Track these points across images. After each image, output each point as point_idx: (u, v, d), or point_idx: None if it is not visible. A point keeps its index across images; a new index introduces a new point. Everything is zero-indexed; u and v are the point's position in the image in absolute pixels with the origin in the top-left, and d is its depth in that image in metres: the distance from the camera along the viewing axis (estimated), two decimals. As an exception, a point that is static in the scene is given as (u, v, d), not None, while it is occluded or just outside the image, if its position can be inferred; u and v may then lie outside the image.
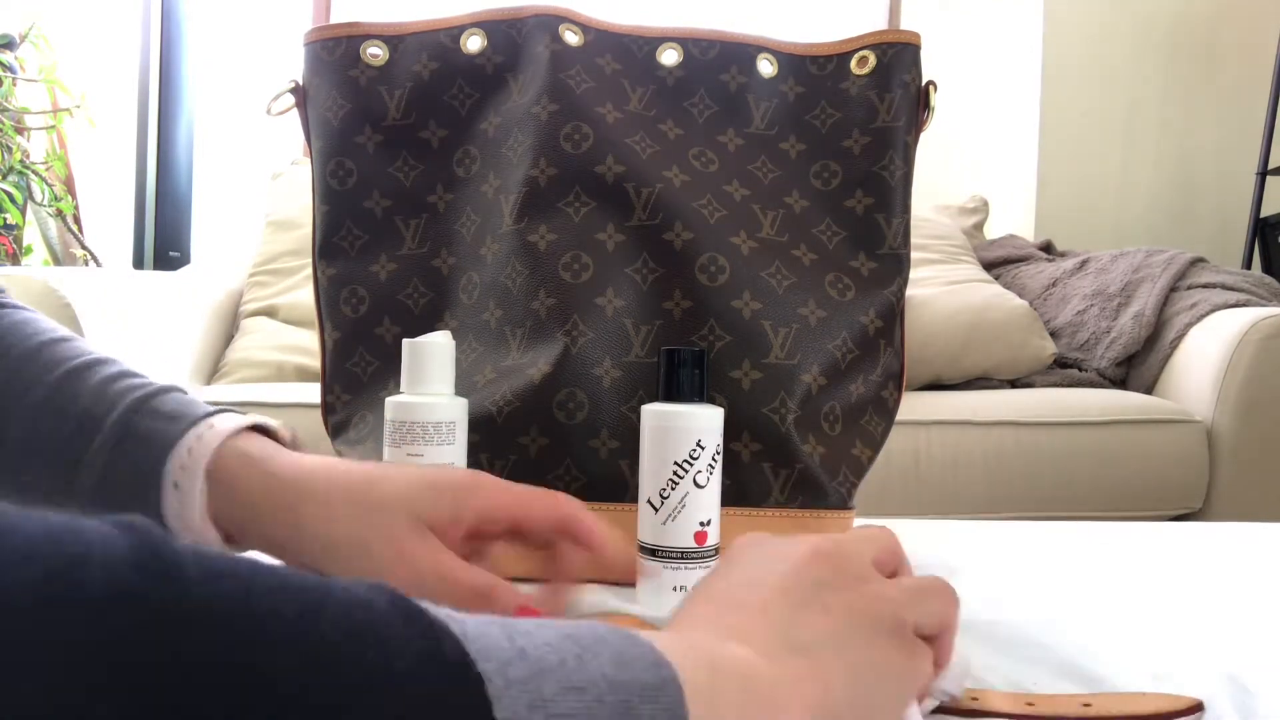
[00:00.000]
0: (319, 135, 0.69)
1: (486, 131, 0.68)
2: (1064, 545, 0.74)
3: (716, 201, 0.65)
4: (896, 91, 0.67)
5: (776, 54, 0.69)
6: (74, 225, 2.21)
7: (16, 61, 2.09)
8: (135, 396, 0.49)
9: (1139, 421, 1.56)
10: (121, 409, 0.48)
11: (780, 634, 0.30)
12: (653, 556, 0.54)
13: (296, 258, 1.92)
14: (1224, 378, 1.58)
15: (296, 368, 1.74)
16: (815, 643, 0.30)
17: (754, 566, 0.34)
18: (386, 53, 0.68)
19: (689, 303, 0.63)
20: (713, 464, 0.54)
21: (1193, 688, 0.43)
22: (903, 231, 0.68)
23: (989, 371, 1.78)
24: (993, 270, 2.09)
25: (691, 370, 0.54)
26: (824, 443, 0.64)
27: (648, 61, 0.69)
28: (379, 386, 0.68)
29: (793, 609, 0.31)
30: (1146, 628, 0.53)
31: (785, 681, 0.29)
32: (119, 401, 0.48)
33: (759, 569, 0.33)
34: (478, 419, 0.61)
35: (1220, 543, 0.75)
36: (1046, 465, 1.53)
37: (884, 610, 0.32)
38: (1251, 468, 1.58)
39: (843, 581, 0.33)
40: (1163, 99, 2.63)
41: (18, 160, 2.05)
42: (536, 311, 0.63)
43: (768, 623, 0.31)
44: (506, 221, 0.65)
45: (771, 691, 0.28)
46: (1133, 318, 1.77)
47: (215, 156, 2.54)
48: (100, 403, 0.49)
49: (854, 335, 0.65)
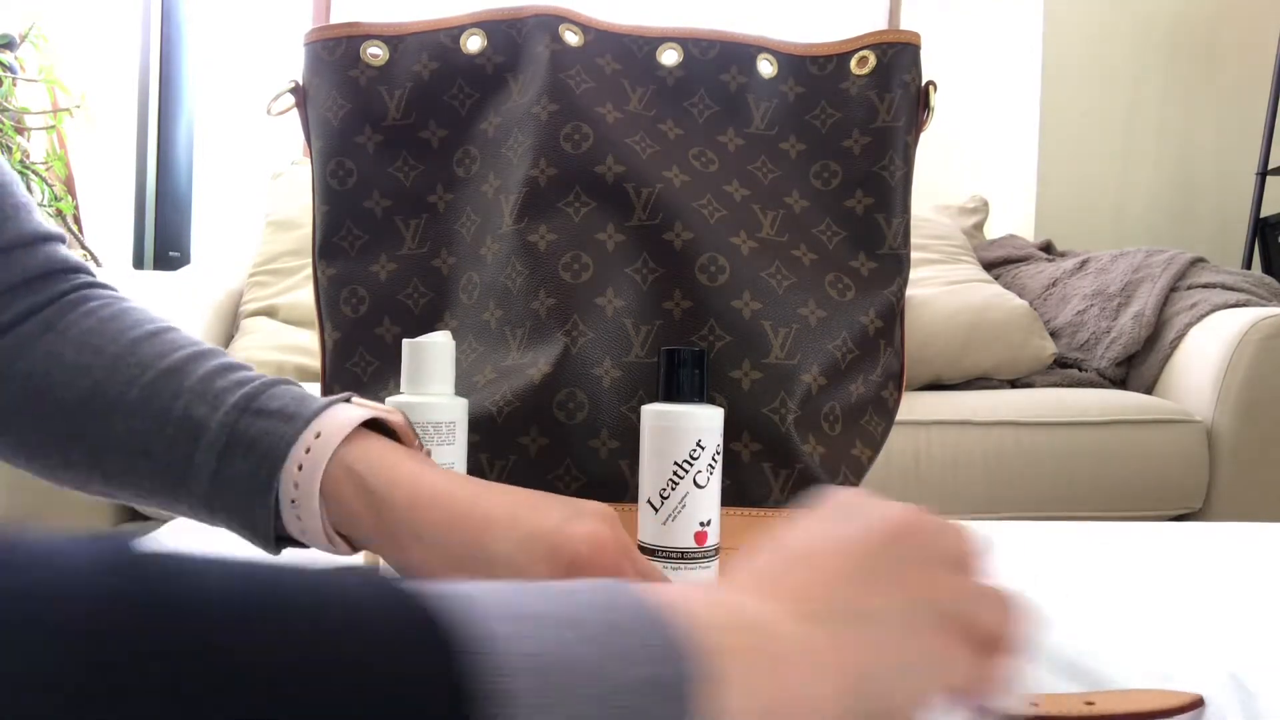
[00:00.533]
0: (319, 135, 0.69)
1: (486, 131, 0.68)
2: (1064, 545, 0.74)
3: (716, 201, 0.65)
4: (896, 91, 0.67)
5: (776, 54, 0.69)
6: (74, 225, 2.21)
7: (16, 61, 2.09)
8: (240, 395, 0.47)
9: (1139, 421, 1.56)
10: (225, 410, 0.46)
11: (839, 601, 0.29)
12: (652, 557, 0.54)
13: (296, 258, 1.92)
14: (1224, 378, 1.58)
15: (296, 368, 1.74)
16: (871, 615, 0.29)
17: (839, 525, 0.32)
18: (386, 53, 0.68)
19: (689, 303, 0.63)
20: (713, 464, 0.54)
21: (1193, 686, 0.43)
22: (903, 231, 0.68)
23: (989, 371, 1.78)
24: (993, 270, 2.09)
25: (691, 370, 0.54)
26: (824, 443, 0.64)
27: (648, 61, 0.69)
28: (379, 386, 0.68)
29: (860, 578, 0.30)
30: (1147, 627, 0.53)
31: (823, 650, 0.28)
32: (221, 402, 0.47)
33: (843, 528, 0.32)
34: (478, 419, 0.61)
35: (1220, 543, 0.75)
36: (1046, 465, 1.53)
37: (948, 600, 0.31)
38: (1251, 468, 1.58)
39: (920, 562, 0.32)
40: (1163, 99, 2.63)
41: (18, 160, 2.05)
42: (536, 311, 0.63)
43: (828, 587, 0.30)
44: (506, 221, 0.65)
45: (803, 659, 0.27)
46: (1133, 318, 1.77)
47: (215, 156, 2.54)
48: (201, 402, 0.47)
49: (854, 335, 0.65)
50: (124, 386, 0.48)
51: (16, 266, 0.51)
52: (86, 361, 0.49)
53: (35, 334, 0.50)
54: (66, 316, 0.51)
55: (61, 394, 0.49)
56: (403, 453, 0.47)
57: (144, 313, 0.52)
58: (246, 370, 0.49)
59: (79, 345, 0.49)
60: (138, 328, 0.50)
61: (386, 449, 0.46)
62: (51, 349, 0.50)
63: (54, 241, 0.54)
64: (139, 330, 0.50)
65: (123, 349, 0.49)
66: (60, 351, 0.49)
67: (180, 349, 0.49)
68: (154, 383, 0.48)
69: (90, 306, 0.52)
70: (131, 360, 0.49)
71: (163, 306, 1.73)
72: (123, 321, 0.51)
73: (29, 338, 0.50)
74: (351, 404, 0.48)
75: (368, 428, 0.47)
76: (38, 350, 0.50)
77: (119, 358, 0.49)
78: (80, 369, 0.49)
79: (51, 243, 0.53)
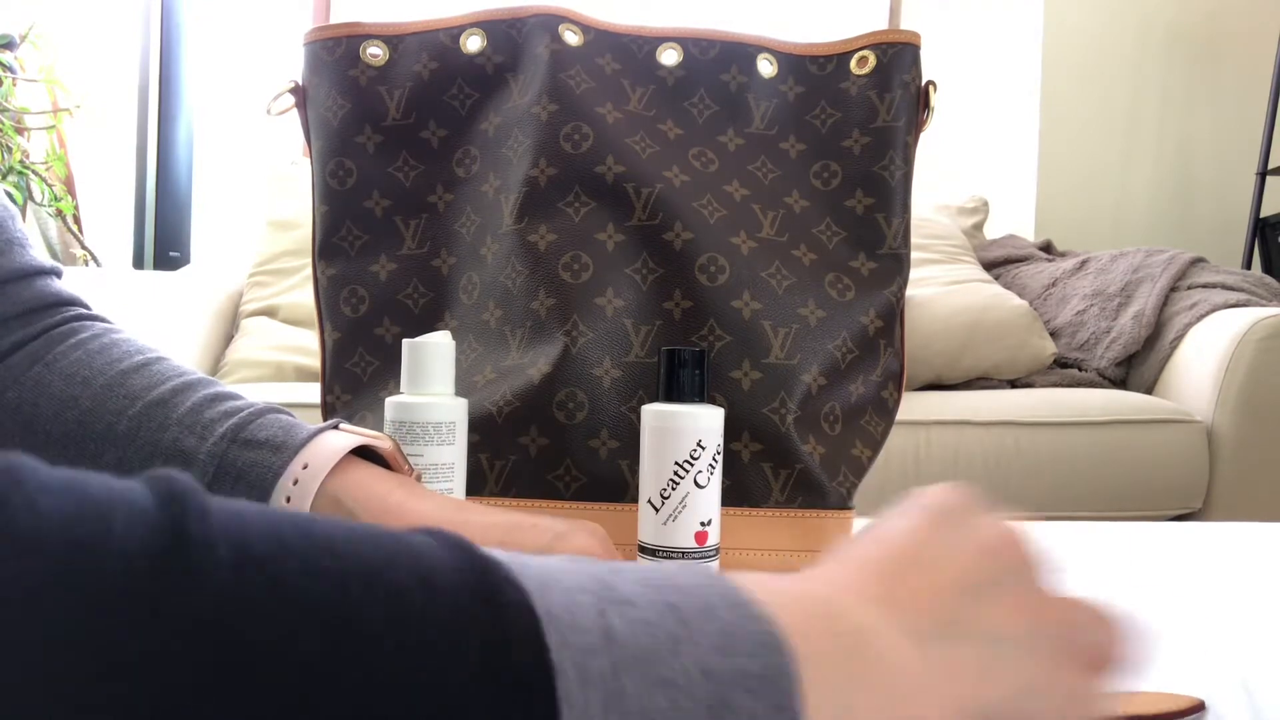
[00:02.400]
0: (319, 135, 0.69)
1: (486, 131, 0.68)
2: (1064, 545, 0.74)
3: (716, 201, 0.65)
4: (896, 91, 0.67)
5: (776, 54, 0.69)
6: (74, 225, 2.21)
7: (16, 61, 2.09)
8: (228, 426, 0.47)
9: (1139, 421, 1.56)
10: (214, 440, 0.46)
11: (946, 619, 0.26)
12: (653, 557, 0.54)
13: (296, 258, 1.92)
14: (1224, 378, 1.58)
15: (296, 368, 1.74)
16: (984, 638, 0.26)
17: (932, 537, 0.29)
18: (386, 53, 0.68)
19: (689, 303, 0.63)
20: (713, 464, 0.54)
21: (1194, 688, 0.43)
22: (903, 231, 0.68)
23: (989, 371, 1.78)
24: (993, 270, 2.09)
25: (692, 370, 0.54)
26: (824, 443, 0.64)
27: (648, 61, 0.69)
28: (379, 386, 0.68)
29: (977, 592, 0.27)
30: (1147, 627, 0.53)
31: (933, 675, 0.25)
32: (210, 432, 0.47)
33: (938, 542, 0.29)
34: (478, 419, 0.61)
35: (1220, 543, 0.75)
36: (1046, 465, 1.53)
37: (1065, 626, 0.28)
38: (1251, 468, 1.58)
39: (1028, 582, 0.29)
40: (1163, 99, 2.63)
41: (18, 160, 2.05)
42: (536, 311, 0.63)
43: (941, 598, 0.27)
44: (506, 221, 0.65)
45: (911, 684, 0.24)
46: (1133, 318, 1.77)
47: (215, 156, 2.54)
48: (189, 434, 0.47)
49: (854, 335, 0.65)
50: (113, 418, 0.48)
51: (9, 300, 0.51)
52: (74, 393, 0.49)
53: (24, 366, 0.50)
54: (55, 349, 0.51)
55: (50, 426, 0.49)
56: (392, 481, 0.46)
57: (133, 343, 0.52)
58: (235, 400, 0.49)
59: (67, 377, 0.50)
60: (126, 359, 0.50)
61: (375, 478, 0.46)
62: (40, 380, 0.50)
63: (47, 276, 0.54)
64: (127, 362, 0.50)
65: (111, 380, 0.49)
66: (49, 382, 0.50)
67: (168, 380, 0.49)
68: (142, 414, 0.48)
69: (80, 338, 0.52)
70: (120, 392, 0.49)
71: (163, 306, 1.73)
72: (111, 354, 0.51)
73: (17, 369, 0.50)
74: (340, 431, 0.48)
75: (357, 454, 0.47)
76: (26, 381, 0.50)
77: (107, 389, 0.49)
78: (68, 400, 0.49)
79: (45, 277, 0.53)
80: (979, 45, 2.68)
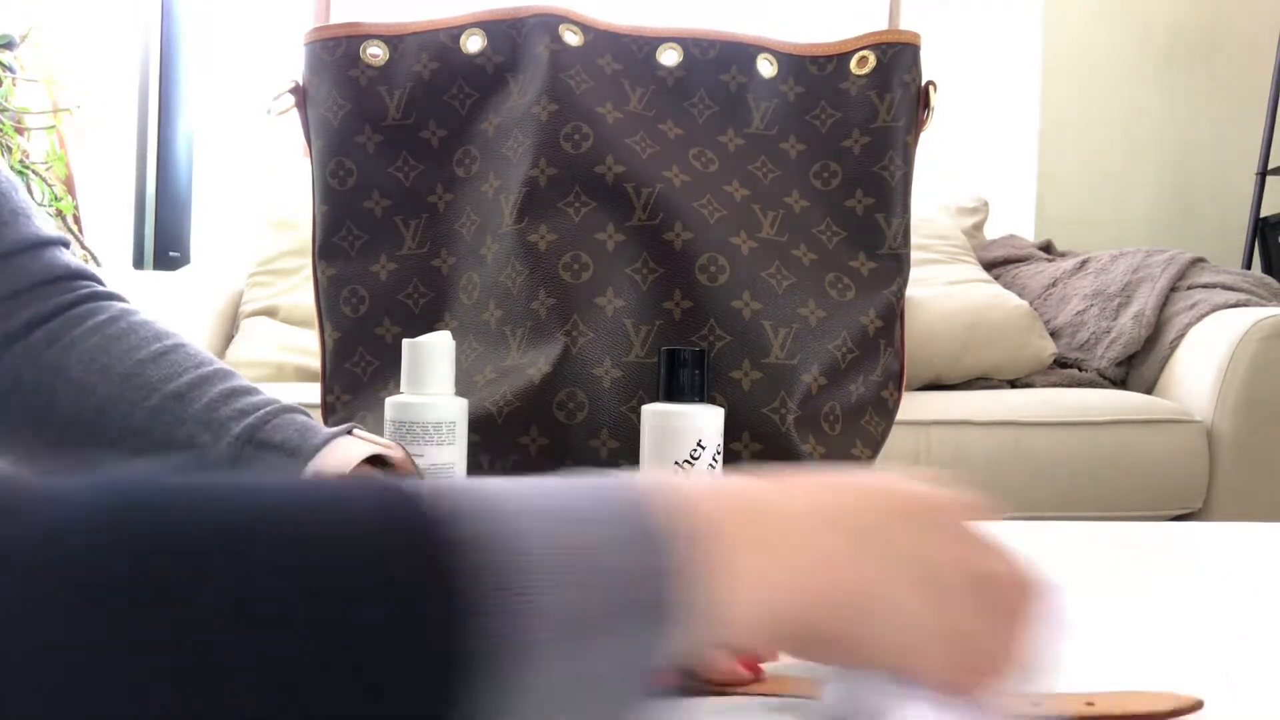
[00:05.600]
0: (319, 135, 0.69)
1: (486, 131, 0.68)
2: (1064, 545, 0.74)
3: (716, 201, 0.65)
4: (896, 91, 0.67)
5: (776, 54, 0.69)
6: (74, 225, 2.21)
7: (16, 62, 2.09)
8: (243, 426, 0.47)
9: (1139, 421, 1.56)
10: (228, 440, 0.46)
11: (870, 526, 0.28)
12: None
13: (296, 258, 1.92)
14: (1224, 378, 1.58)
15: (296, 368, 1.74)
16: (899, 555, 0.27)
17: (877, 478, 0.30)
18: (386, 53, 0.68)
19: (689, 303, 0.63)
20: (713, 464, 0.54)
21: (1193, 687, 0.43)
22: (903, 231, 0.68)
23: (989, 371, 1.78)
24: (993, 270, 2.09)
25: (692, 370, 0.54)
26: (824, 443, 0.64)
27: (648, 61, 0.69)
28: (379, 386, 0.68)
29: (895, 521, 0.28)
30: (1146, 627, 0.53)
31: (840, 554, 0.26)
32: (225, 431, 0.47)
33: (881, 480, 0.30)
34: (478, 419, 0.61)
35: (1220, 543, 0.75)
36: (1046, 465, 1.52)
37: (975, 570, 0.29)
38: (1251, 468, 1.58)
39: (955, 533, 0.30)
40: (1163, 99, 2.63)
41: (17, 160, 2.05)
42: (536, 311, 0.63)
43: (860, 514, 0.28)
44: (506, 221, 0.65)
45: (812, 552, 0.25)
46: (1133, 318, 1.77)
47: (215, 156, 2.54)
48: (205, 430, 0.47)
49: (854, 335, 0.65)
50: (129, 409, 0.48)
51: (18, 272, 0.51)
52: (93, 381, 0.49)
53: (41, 346, 0.50)
54: (73, 331, 0.51)
55: (67, 412, 0.49)
56: None
57: (151, 327, 0.52)
58: (251, 395, 0.49)
59: (86, 363, 0.49)
60: (144, 347, 0.50)
61: None
62: (58, 364, 0.49)
63: (55, 246, 0.53)
64: (145, 350, 0.50)
65: (129, 370, 0.49)
66: (67, 367, 0.49)
67: (186, 372, 0.49)
68: (159, 408, 0.48)
69: (98, 321, 0.51)
70: (138, 382, 0.49)
71: (163, 307, 1.73)
72: (129, 340, 0.50)
73: (35, 349, 0.50)
74: (353, 437, 0.48)
75: (369, 463, 0.47)
76: (44, 364, 0.50)
77: (125, 379, 0.49)
78: (86, 388, 0.49)
79: (53, 247, 0.53)
80: (979, 45, 2.68)
